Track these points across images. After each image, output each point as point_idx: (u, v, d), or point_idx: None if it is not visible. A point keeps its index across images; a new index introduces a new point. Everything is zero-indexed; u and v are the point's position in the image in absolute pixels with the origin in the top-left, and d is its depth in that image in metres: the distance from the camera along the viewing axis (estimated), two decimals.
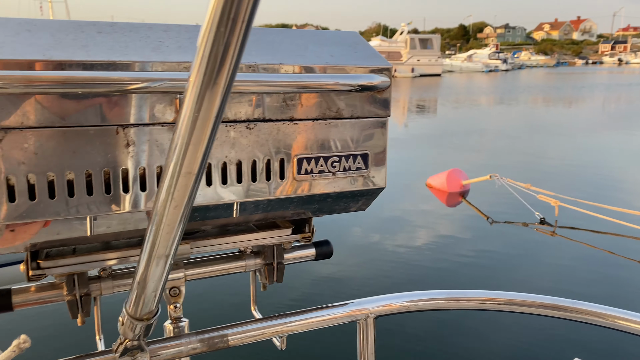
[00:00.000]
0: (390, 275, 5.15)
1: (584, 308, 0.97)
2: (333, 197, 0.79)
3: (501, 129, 15.37)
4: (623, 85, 36.20)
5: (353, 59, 0.75)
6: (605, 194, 7.86)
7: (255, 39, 0.73)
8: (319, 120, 0.73)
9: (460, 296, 1.03)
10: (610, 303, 3.52)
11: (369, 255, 5.69)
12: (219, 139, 0.67)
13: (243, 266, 0.88)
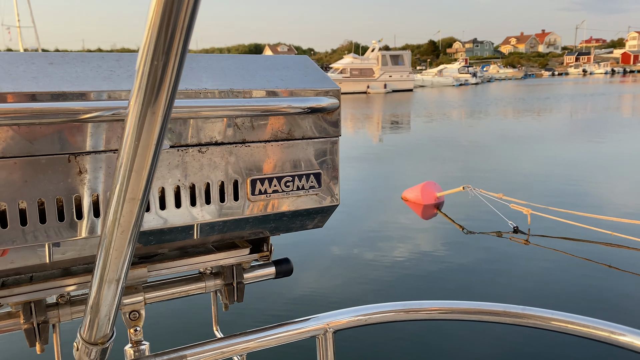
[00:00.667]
0: (365, 288, 5.14)
1: (533, 314, 0.99)
2: (288, 215, 0.81)
3: (473, 140, 15.64)
4: (588, 95, 37.34)
5: (303, 82, 0.78)
6: (575, 201, 8.04)
7: (206, 65, 0.75)
8: (271, 142, 0.75)
9: (410, 307, 1.04)
10: (584, 310, 3.59)
11: (345, 269, 5.68)
12: (171, 163, 0.69)
13: (203, 287, 0.89)
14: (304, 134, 0.78)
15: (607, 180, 9.64)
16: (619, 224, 6.51)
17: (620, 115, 22.46)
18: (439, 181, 9.12)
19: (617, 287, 5.07)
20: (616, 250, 6.02)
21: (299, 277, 5.31)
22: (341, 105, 0.80)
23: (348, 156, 13.06)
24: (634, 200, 8.24)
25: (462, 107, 29.25)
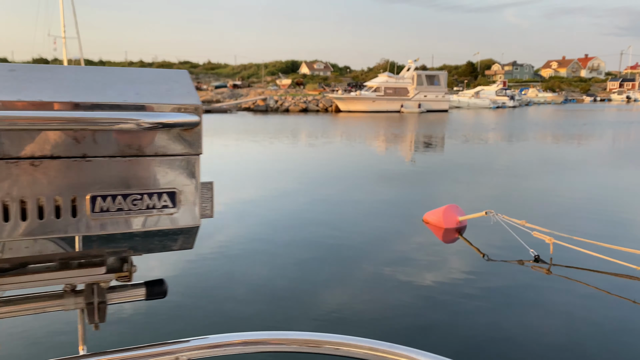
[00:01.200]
0: (375, 308, 5.09)
1: None
2: (140, 235, 0.77)
3: (504, 165, 15.37)
4: (631, 122, 36.18)
5: (161, 97, 0.75)
6: (601, 231, 7.78)
7: (58, 77, 0.73)
8: (116, 158, 0.72)
9: (261, 337, 0.96)
10: (602, 342, 3.45)
11: (358, 291, 5.64)
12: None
13: (63, 305, 0.85)
14: (157, 150, 0.74)
15: (637, 211, 9.30)
16: None
17: None
18: (464, 205, 8.99)
19: (629, 319, 4.87)
20: (635, 282, 5.79)
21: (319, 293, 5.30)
22: (202, 122, 0.77)
23: (377, 176, 13.03)
24: None
25: (497, 130, 28.80)
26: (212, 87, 72.92)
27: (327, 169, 14.24)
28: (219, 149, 19.37)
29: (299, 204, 9.79)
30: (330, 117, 42.18)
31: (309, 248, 7.09)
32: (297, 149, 19.57)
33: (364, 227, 8.22)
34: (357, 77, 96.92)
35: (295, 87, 77.46)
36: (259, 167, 14.70)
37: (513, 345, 4.45)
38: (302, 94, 59.33)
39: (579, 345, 4.44)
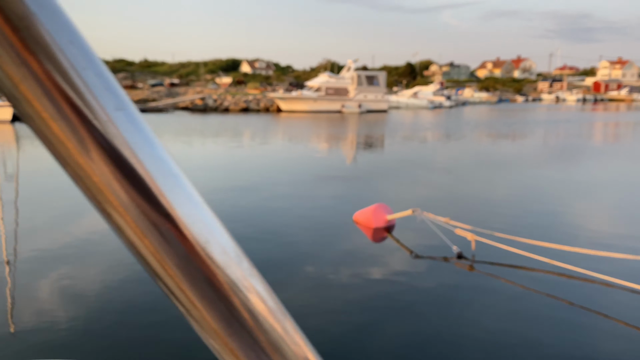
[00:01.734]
0: (310, 309, 5.01)
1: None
2: None
3: (437, 163, 15.76)
4: (559, 121, 38.19)
5: None
6: (523, 227, 8.09)
7: None
8: None
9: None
10: (523, 337, 3.48)
11: (289, 289, 5.54)
12: None
13: None
14: None
15: (559, 207, 9.74)
16: (560, 251, 6.55)
17: (588, 143, 22.98)
18: (395, 203, 9.10)
19: (549, 314, 5.04)
20: (554, 278, 6.03)
21: None
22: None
23: (314, 177, 12.99)
24: (582, 228, 8.33)
25: (433, 130, 29.58)
26: (148, 85, 70.71)
27: (265, 171, 14.06)
28: None
29: (233, 206, 9.58)
30: (272, 116, 41.91)
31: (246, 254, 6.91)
32: (234, 150, 19.24)
33: (296, 228, 8.13)
34: (299, 76, 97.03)
35: (235, 86, 76.48)
36: (192, 170, 14.30)
37: (438, 342, 4.49)
38: (243, 93, 58.65)
39: (500, 340, 4.54)
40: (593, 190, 11.37)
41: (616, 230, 8.12)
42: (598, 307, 5.19)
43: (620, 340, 4.56)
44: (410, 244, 7.34)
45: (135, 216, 0.28)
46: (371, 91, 49.50)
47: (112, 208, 0.28)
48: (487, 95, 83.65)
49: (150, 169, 0.28)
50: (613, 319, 4.93)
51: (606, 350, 4.37)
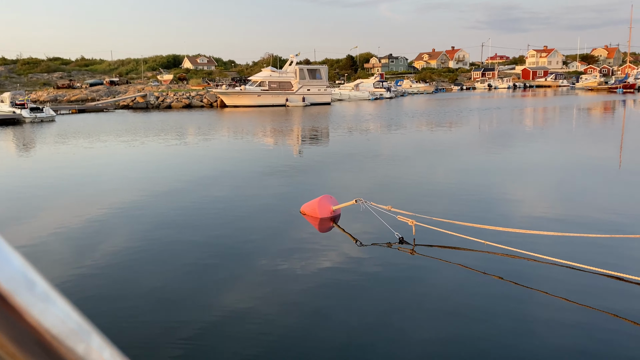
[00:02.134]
0: (256, 301, 5.20)
1: None
2: None
3: (378, 153, 16.24)
4: (491, 108, 39.96)
5: None
6: (460, 211, 8.60)
7: None
8: None
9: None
10: (462, 312, 3.80)
11: (234, 283, 5.69)
12: None
13: None
14: None
15: (494, 190, 10.38)
16: (495, 232, 7.06)
17: (518, 128, 24.26)
18: (340, 194, 9.41)
19: (485, 291, 5.49)
20: (489, 256, 6.52)
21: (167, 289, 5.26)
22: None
23: (261, 171, 13.10)
24: (514, 209, 8.94)
25: (374, 121, 30.26)
26: (87, 84, 68.28)
27: (211, 167, 14.03)
28: (94, 150, 18.17)
29: (180, 204, 9.57)
30: (215, 112, 41.40)
31: (191, 249, 6.99)
32: (179, 148, 18.99)
33: (244, 222, 8.28)
34: (242, 71, 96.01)
35: (177, 82, 74.82)
36: (137, 169, 14.06)
37: (385, 323, 4.80)
38: (185, 90, 57.51)
39: (441, 317, 4.91)
40: (525, 173, 12.16)
41: (546, 210, 8.79)
42: (529, 282, 5.67)
43: (549, 310, 5.04)
44: (355, 233, 7.66)
45: None
46: (314, 84, 49.85)
47: None
48: (425, 85, 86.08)
49: None
50: (544, 292, 5.42)
51: (538, 320, 4.82)
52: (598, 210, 8.61)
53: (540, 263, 6.18)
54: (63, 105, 48.29)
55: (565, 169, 12.74)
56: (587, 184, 10.71)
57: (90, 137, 22.77)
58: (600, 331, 4.57)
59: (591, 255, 6.38)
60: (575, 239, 6.91)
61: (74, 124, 31.00)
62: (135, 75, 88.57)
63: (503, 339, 4.45)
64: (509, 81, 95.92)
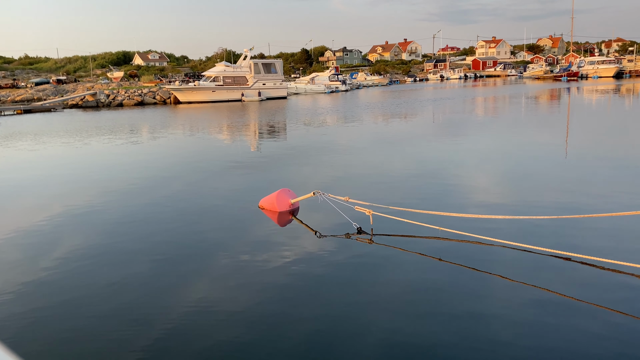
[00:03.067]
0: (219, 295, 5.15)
1: None
2: None
3: (335, 145, 16.34)
4: (444, 99, 40.85)
5: None
6: (417, 199, 8.79)
7: None
8: None
9: None
10: (419, 300, 3.88)
11: (196, 278, 5.62)
12: None
13: None
14: None
15: (448, 178, 10.64)
16: (451, 218, 7.26)
17: (470, 117, 24.90)
18: (298, 187, 9.42)
19: (442, 278, 5.64)
20: (446, 243, 6.70)
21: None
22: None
23: (218, 167, 12.94)
24: (469, 195, 9.20)
25: (332, 114, 30.40)
26: (32, 84, 65.70)
27: (166, 165, 13.75)
28: (43, 152, 17.45)
29: (135, 203, 9.34)
30: (169, 109, 40.52)
31: (149, 248, 6.85)
32: (132, 146, 18.50)
33: (202, 219, 8.17)
34: (196, 67, 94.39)
35: (129, 79, 72.87)
36: (91, 168, 13.62)
37: (344, 314, 4.85)
38: (137, 87, 56.06)
39: (400, 306, 5.01)
40: (477, 161, 12.52)
41: (499, 195, 9.09)
42: (484, 266, 5.85)
43: (505, 291, 5.23)
44: (314, 225, 7.70)
45: None
46: (269, 79, 49.56)
47: None
48: (379, 78, 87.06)
49: None
50: (498, 275, 5.60)
51: (494, 302, 4.99)
52: (548, 193, 8.97)
53: (494, 247, 6.40)
54: (7, 106, 46.10)
55: (516, 155, 13.20)
56: (536, 169, 11.13)
57: (39, 139, 21.87)
58: (555, 311, 4.78)
59: (543, 236, 6.65)
60: (527, 221, 7.18)
61: (19, 125, 29.67)
62: (83, 73, 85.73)
63: (460, 324, 4.58)
64: (460, 72, 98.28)
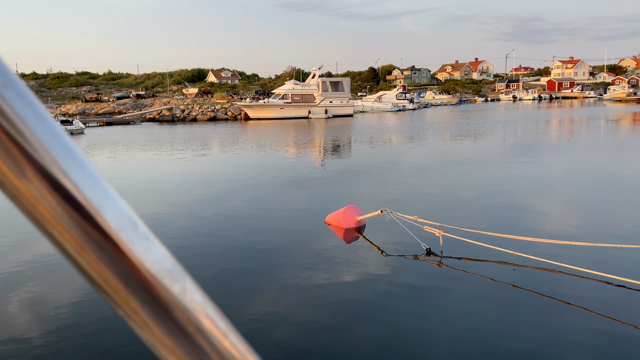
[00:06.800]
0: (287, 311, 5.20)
1: None
2: None
3: (402, 164, 16.15)
4: (517, 120, 39.46)
5: None
6: (487, 221, 8.48)
7: None
8: None
9: None
10: (491, 328, 3.75)
11: (267, 291, 5.71)
12: None
13: None
14: None
15: (521, 201, 10.21)
16: (524, 242, 6.94)
17: (545, 139, 23.88)
18: (364, 204, 9.38)
19: (516, 304, 5.39)
20: (518, 268, 6.40)
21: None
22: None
23: (286, 182, 13.16)
24: (542, 220, 8.78)
25: (397, 132, 30.17)
26: (114, 98, 69.88)
27: (236, 178, 14.16)
28: (123, 161, 18.54)
29: (205, 214, 9.67)
30: (240, 125, 41.85)
31: (217, 259, 7.05)
32: (205, 159, 19.23)
33: (270, 233, 8.31)
34: (265, 84, 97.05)
35: (202, 95, 76.01)
36: (165, 179, 14.28)
37: (411, 337, 4.74)
38: (210, 103, 58.36)
39: (470, 333, 4.83)
40: (552, 184, 11.94)
41: (574, 221, 8.61)
42: (558, 294, 5.55)
43: (579, 322, 4.92)
44: (380, 243, 7.62)
45: (71, 230, 0.29)
46: (336, 97, 50.04)
47: (49, 224, 0.28)
48: (448, 97, 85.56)
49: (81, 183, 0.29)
50: (573, 304, 5.29)
51: (568, 332, 4.71)
52: (627, 221, 8.39)
53: (569, 275, 6.04)
54: (91, 118, 49.46)
55: (593, 180, 12.47)
56: (615, 195, 10.46)
57: (119, 149, 23.26)
58: (632, 345, 4.43)
59: (621, 266, 6.22)
60: (605, 249, 6.74)
61: (102, 136, 31.70)
62: (160, 89, 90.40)
63: (532, 353, 4.35)
64: (534, 92, 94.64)
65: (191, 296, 0.33)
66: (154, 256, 0.32)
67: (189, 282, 0.33)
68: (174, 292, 0.32)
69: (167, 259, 0.33)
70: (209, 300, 0.34)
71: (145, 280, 0.31)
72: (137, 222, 0.32)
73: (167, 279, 0.31)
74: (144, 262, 0.31)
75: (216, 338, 0.33)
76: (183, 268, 0.33)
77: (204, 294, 0.34)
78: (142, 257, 0.31)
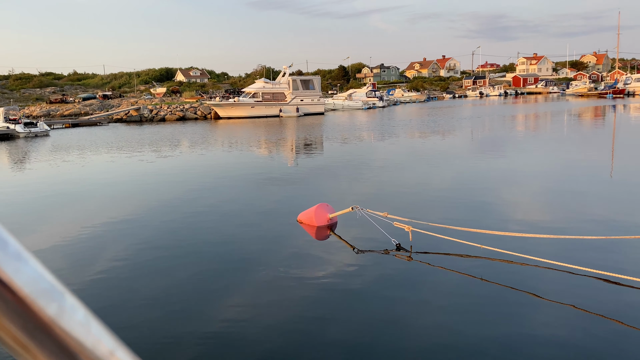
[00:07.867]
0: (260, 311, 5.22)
1: None
2: None
3: (373, 161, 16.32)
4: (483, 116, 40.24)
5: None
6: (456, 216, 8.67)
7: None
8: None
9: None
10: (461, 320, 3.87)
11: (239, 293, 5.72)
12: None
13: None
14: None
15: (488, 195, 10.47)
16: (491, 236, 7.13)
17: (511, 134, 24.45)
18: (336, 202, 9.46)
19: (484, 297, 5.55)
20: (486, 262, 6.58)
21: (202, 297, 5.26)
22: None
23: (257, 181, 13.14)
24: (509, 213, 9.02)
25: (369, 130, 30.42)
26: (80, 99, 68.36)
27: (206, 178, 14.06)
28: (90, 164, 18.15)
29: (175, 215, 9.59)
30: (210, 124, 41.44)
31: (189, 260, 7.02)
32: (173, 159, 19.01)
33: (242, 232, 8.31)
34: (235, 83, 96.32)
35: (171, 95, 74.96)
36: (134, 181, 14.07)
37: (383, 331, 4.83)
38: (179, 102, 57.63)
39: (440, 325, 4.95)
40: (518, 178, 12.27)
41: (540, 213, 8.88)
42: (526, 286, 5.71)
43: (548, 313, 5.10)
44: (352, 240, 7.72)
45: None
46: (307, 95, 50.09)
47: None
48: (417, 94, 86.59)
49: None
50: (541, 296, 5.46)
51: (537, 323, 4.88)
52: (592, 212, 8.71)
53: (536, 267, 6.25)
54: (56, 119, 48.22)
55: (558, 173, 12.87)
56: (580, 188, 10.82)
57: (86, 151, 22.76)
58: (599, 334, 4.63)
59: (587, 257, 6.46)
60: (570, 241, 6.99)
61: (68, 139, 30.95)
62: (128, 89, 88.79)
63: (503, 344, 4.50)
64: (500, 89, 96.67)
65: (70, 315, 0.31)
66: (27, 276, 0.30)
67: (69, 300, 0.32)
68: (50, 312, 0.30)
69: (43, 278, 0.31)
70: (93, 317, 0.33)
71: (19, 301, 0.29)
72: (8, 240, 0.30)
73: (43, 299, 0.30)
74: (15, 283, 0.29)
75: (102, 355, 0.32)
76: (62, 286, 0.32)
77: (87, 311, 0.33)
78: (12, 278, 0.29)
